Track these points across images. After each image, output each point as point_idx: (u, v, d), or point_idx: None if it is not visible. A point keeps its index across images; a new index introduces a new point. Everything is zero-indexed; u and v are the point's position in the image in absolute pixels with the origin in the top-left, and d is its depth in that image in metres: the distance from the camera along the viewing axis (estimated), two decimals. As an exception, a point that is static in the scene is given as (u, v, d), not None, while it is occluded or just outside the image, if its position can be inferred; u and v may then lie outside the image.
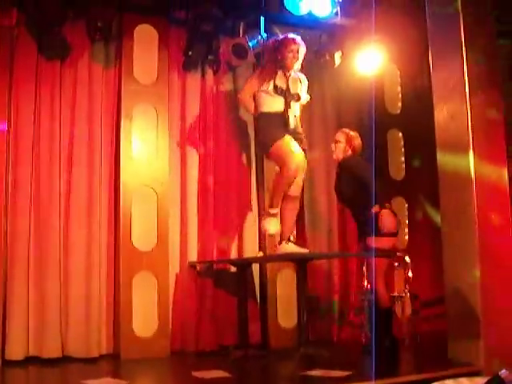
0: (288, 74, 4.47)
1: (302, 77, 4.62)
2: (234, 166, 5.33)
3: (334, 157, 4.68)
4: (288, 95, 4.40)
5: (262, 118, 4.45)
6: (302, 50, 4.52)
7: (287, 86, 4.43)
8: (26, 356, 4.37)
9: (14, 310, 4.38)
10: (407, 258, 5.10)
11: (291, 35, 4.53)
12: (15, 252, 4.46)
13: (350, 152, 4.61)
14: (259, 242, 5.24)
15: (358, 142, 4.64)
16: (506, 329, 3.79)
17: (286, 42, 4.47)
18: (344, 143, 4.62)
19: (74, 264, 4.61)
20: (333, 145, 4.69)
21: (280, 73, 4.45)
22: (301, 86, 4.56)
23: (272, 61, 4.50)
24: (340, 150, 4.63)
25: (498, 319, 3.83)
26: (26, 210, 4.54)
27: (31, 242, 4.54)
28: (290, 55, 4.46)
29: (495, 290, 3.90)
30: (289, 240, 4.34)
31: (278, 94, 4.38)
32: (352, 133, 4.67)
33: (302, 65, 5.25)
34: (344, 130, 4.73)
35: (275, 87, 4.39)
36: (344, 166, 4.58)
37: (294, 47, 4.47)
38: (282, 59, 4.45)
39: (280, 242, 4.40)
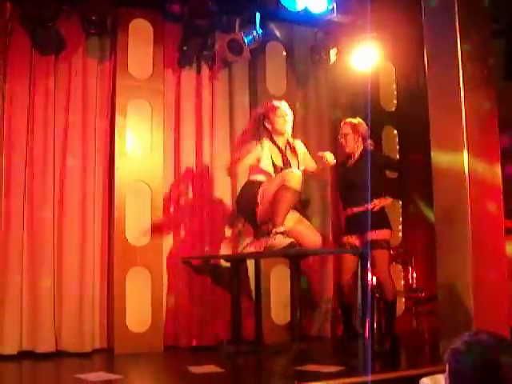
0: (282, 145, 4.33)
1: (298, 145, 4.47)
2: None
3: (347, 150, 4.58)
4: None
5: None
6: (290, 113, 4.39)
7: (284, 159, 4.31)
8: (19, 351, 4.36)
9: (8, 304, 4.38)
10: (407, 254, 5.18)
11: (276, 102, 4.39)
12: (8, 247, 4.45)
13: (360, 140, 4.55)
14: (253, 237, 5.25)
15: (363, 127, 4.58)
16: (497, 325, 3.81)
17: (273, 108, 4.33)
18: (352, 133, 4.55)
19: (68, 259, 4.61)
20: (342, 139, 4.60)
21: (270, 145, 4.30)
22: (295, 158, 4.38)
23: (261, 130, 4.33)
24: (351, 142, 4.55)
25: (489, 316, 3.85)
26: (19, 206, 4.53)
27: (25, 237, 4.52)
28: (281, 120, 4.31)
29: (488, 287, 3.91)
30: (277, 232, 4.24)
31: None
32: (354, 120, 4.61)
33: (297, 62, 5.26)
34: (346, 120, 4.65)
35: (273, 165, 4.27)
36: (371, 157, 4.46)
37: (282, 112, 4.31)
38: (272, 126, 4.31)
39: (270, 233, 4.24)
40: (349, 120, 4.66)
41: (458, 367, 1.41)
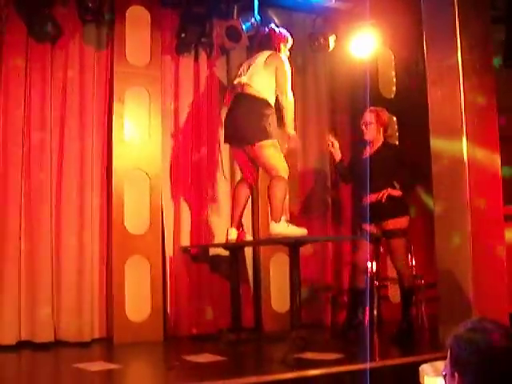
0: None
1: None
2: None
3: (367, 137, 4.60)
4: None
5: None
6: None
7: None
8: (18, 341, 4.35)
9: (6, 294, 4.36)
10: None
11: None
12: (5, 237, 4.42)
13: (381, 130, 4.60)
14: (252, 225, 5.25)
15: (386, 116, 4.64)
16: (497, 312, 3.82)
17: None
18: (375, 123, 4.57)
19: (67, 248, 4.59)
20: (363, 127, 4.61)
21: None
22: None
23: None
24: (373, 131, 4.58)
25: (489, 303, 3.85)
26: (17, 196, 4.49)
27: (22, 227, 4.49)
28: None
29: (487, 275, 3.92)
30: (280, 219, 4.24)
31: None
32: (379, 109, 4.65)
33: (295, 48, 5.25)
34: (372, 108, 4.66)
35: None
36: (390, 150, 4.60)
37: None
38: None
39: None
40: (374, 108, 4.66)
41: (460, 354, 1.41)
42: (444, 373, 1.49)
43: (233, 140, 4.53)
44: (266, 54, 4.48)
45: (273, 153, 4.32)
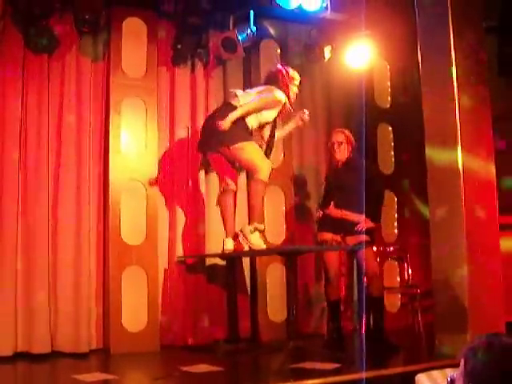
0: None
1: None
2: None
3: (338, 157, 4.64)
4: None
5: None
6: None
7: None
8: (14, 352, 4.33)
9: (3, 305, 4.34)
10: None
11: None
12: (2, 247, 4.42)
13: (350, 149, 4.64)
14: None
15: (353, 139, 4.69)
16: (493, 321, 3.82)
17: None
18: (345, 143, 4.63)
19: (63, 259, 4.59)
20: (335, 146, 4.64)
21: None
22: None
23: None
24: (344, 151, 4.63)
25: (485, 312, 3.86)
26: (13, 207, 4.48)
27: (19, 236, 4.49)
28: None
29: (483, 283, 3.93)
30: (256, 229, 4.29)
31: None
32: (346, 131, 4.70)
33: (291, 59, 5.29)
34: (341, 130, 4.73)
35: None
36: (354, 165, 4.60)
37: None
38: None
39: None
40: (341, 129, 4.73)
41: (477, 366, 1.39)
42: (449, 379, 1.49)
43: (209, 145, 4.43)
44: (264, 86, 4.52)
45: (252, 153, 4.31)
